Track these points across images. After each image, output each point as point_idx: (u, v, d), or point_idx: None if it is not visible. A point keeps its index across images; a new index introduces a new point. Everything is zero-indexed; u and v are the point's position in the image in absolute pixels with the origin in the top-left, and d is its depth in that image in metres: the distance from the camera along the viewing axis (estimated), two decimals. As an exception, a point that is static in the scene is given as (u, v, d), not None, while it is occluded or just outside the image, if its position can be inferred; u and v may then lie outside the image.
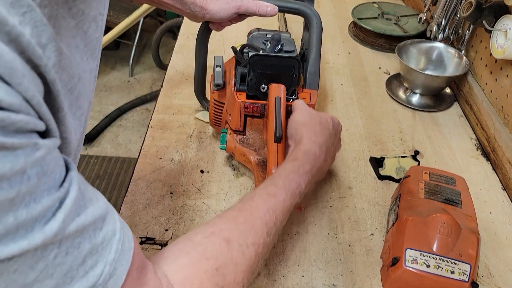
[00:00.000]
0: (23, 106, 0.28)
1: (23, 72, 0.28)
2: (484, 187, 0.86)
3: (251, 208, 0.53)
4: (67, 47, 0.35)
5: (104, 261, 0.35)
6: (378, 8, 1.36)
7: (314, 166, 0.63)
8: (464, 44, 1.09)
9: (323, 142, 0.66)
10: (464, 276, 0.62)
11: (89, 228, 0.34)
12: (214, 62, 0.83)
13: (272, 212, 0.54)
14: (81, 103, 0.38)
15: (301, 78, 0.79)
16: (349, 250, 0.72)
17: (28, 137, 0.29)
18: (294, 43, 0.83)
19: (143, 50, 2.95)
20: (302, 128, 0.67)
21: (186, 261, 0.45)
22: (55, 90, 0.32)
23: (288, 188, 0.58)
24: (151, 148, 0.89)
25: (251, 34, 0.86)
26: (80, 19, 0.37)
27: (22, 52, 0.28)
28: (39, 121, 0.30)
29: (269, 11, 0.77)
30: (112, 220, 0.37)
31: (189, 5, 0.75)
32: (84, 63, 0.39)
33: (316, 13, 0.80)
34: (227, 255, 0.47)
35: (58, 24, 0.34)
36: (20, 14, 0.28)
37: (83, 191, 0.34)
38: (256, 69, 0.73)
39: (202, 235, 0.48)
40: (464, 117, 1.04)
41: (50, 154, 0.31)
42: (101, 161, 2.17)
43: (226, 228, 0.49)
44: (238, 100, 0.75)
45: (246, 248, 0.48)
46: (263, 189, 0.57)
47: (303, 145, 0.64)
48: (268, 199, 0.55)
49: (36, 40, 0.29)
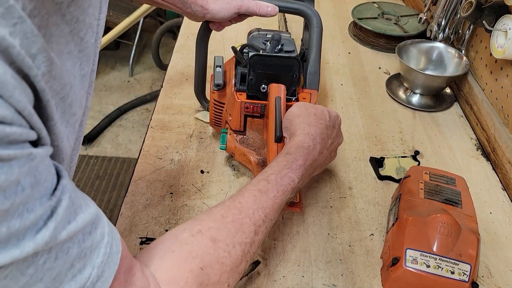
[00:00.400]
0: (15, 118, 0.28)
1: (14, 84, 0.28)
2: (484, 187, 0.86)
3: (240, 205, 0.53)
4: (58, 55, 0.35)
5: (92, 264, 0.35)
6: (378, 8, 1.36)
7: (307, 159, 0.62)
8: (464, 44, 1.09)
9: (317, 133, 0.65)
10: (464, 276, 0.62)
11: (79, 233, 0.34)
12: (214, 62, 0.83)
13: (262, 210, 0.53)
14: (74, 110, 0.38)
15: (301, 78, 0.79)
16: (349, 250, 0.72)
17: (22, 148, 0.29)
18: (294, 43, 0.83)
19: (143, 50, 2.95)
20: (296, 119, 0.66)
21: (172, 260, 0.45)
22: (45, 99, 0.32)
23: (280, 184, 0.57)
24: (151, 148, 0.89)
25: (251, 34, 0.86)
26: (75, 26, 0.38)
27: (12, 63, 0.28)
28: (31, 131, 0.31)
29: (270, 11, 0.77)
30: (101, 224, 0.37)
31: (190, 4, 0.75)
32: (76, 69, 0.39)
33: (316, 13, 0.80)
34: (213, 255, 0.47)
35: (49, 32, 0.34)
36: (10, 25, 0.28)
37: (74, 198, 0.35)
38: (256, 69, 0.73)
39: (189, 232, 0.48)
40: (464, 117, 1.04)
41: (43, 162, 0.32)
42: (101, 161, 2.17)
43: (214, 226, 0.49)
44: (238, 100, 0.75)
45: (232, 248, 0.48)
46: (254, 184, 0.57)
47: (296, 137, 0.64)
48: (259, 196, 0.55)
49: (26, 51, 0.29)
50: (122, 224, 0.73)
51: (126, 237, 0.71)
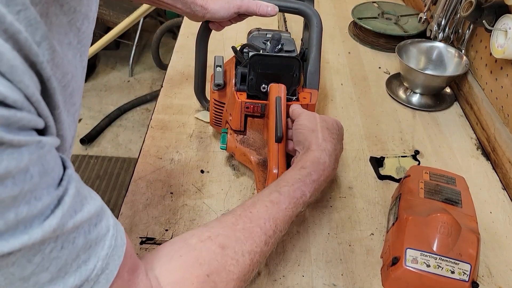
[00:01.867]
0: (25, 103, 0.28)
1: (23, 69, 0.28)
2: (484, 186, 0.86)
3: (251, 215, 0.52)
4: (59, 44, 0.35)
5: (97, 256, 0.36)
6: (378, 7, 1.36)
7: (322, 175, 0.62)
8: (464, 44, 1.09)
9: (332, 149, 0.65)
10: (464, 275, 0.62)
11: (85, 224, 0.35)
12: (214, 62, 0.83)
13: (273, 221, 0.53)
14: (74, 100, 0.38)
15: (301, 77, 0.79)
16: (349, 250, 0.72)
17: (31, 135, 0.29)
18: (294, 42, 0.83)
19: (143, 50, 2.95)
20: (311, 133, 0.66)
21: (179, 264, 0.45)
22: (51, 87, 0.32)
23: (292, 197, 0.57)
24: (151, 148, 0.89)
25: (251, 34, 0.86)
26: (73, 17, 0.38)
27: (20, 50, 0.28)
28: (39, 119, 0.31)
29: (269, 11, 0.77)
30: (106, 217, 0.38)
31: (190, 4, 0.75)
32: (77, 60, 0.39)
33: (316, 13, 0.80)
34: (220, 262, 0.46)
35: (50, 21, 0.34)
36: (15, 12, 0.28)
37: (79, 189, 0.35)
38: (256, 69, 0.73)
39: (198, 238, 0.47)
40: (464, 116, 1.04)
41: (50, 152, 0.32)
42: (101, 161, 2.17)
43: (223, 233, 0.49)
44: (239, 100, 0.75)
45: (241, 256, 0.48)
46: (266, 195, 0.56)
47: (312, 152, 0.63)
48: (271, 206, 0.54)
49: (31, 37, 0.29)
50: (122, 224, 0.73)
51: (126, 237, 0.71)
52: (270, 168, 0.69)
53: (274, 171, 0.68)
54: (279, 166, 0.68)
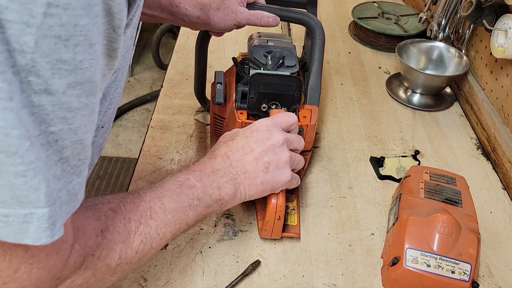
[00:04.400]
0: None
1: None
2: (485, 186, 0.86)
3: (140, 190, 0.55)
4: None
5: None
6: (378, 7, 1.36)
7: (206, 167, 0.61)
8: (464, 44, 1.09)
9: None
10: (465, 275, 0.62)
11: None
12: (214, 77, 0.80)
13: (159, 199, 0.54)
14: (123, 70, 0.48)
15: (301, 96, 0.76)
16: (350, 250, 0.72)
17: None
18: (295, 54, 0.80)
19: (143, 50, 2.95)
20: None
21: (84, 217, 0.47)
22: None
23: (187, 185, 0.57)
24: (151, 148, 0.89)
25: (252, 40, 0.84)
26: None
27: None
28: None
29: (271, 22, 0.75)
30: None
31: (190, 18, 0.75)
32: (128, 44, 0.48)
33: (319, 24, 0.77)
34: (112, 223, 0.48)
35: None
36: None
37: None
38: (257, 88, 0.71)
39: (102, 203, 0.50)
40: (464, 116, 1.04)
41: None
42: (101, 161, 2.17)
43: (114, 202, 0.51)
44: (239, 121, 0.74)
45: (128, 221, 0.49)
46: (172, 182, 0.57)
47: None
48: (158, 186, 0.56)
49: None
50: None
51: (126, 237, 0.71)
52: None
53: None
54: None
